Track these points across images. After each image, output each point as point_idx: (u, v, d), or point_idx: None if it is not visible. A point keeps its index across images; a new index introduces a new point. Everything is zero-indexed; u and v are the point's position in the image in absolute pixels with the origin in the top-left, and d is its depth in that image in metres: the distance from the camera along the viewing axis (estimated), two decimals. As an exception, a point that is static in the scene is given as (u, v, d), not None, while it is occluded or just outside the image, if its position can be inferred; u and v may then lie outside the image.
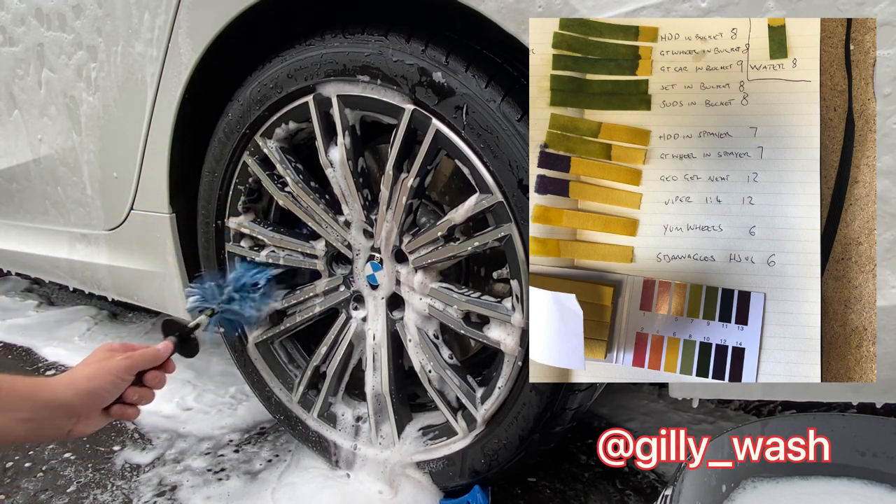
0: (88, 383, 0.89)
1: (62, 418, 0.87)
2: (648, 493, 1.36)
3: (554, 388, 1.10)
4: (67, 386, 0.87)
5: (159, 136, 1.40)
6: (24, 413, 0.82)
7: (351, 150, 1.19)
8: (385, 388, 1.31)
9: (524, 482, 1.40)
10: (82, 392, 0.88)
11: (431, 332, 1.25)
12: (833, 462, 0.99)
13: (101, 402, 0.91)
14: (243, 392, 1.80)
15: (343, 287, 1.34)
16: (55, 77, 1.59)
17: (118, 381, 0.93)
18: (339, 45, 1.14)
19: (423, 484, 1.32)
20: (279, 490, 1.40)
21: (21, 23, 1.60)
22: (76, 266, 1.86)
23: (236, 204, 1.40)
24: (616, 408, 1.65)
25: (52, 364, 2.08)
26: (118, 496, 1.43)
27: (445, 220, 1.13)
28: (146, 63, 1.36)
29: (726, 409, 1.63)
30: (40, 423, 0.84)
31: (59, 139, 1.66)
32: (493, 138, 1.03)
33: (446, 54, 1.05)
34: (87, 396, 0.89)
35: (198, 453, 1.57)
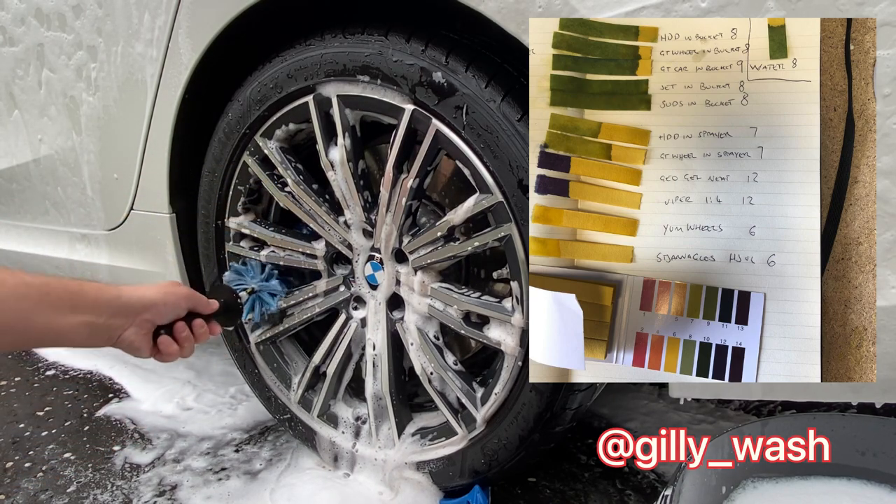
0: (151, 293, 0.95)
1: (120, 317, 0.90)
2: (648, 493, 1.36)
3: (554, 388, 1.10)
4: (132, 292, 0.93)
5: (159, 137, 1.40)
6: (89, 316, 0.86)
7: (351, 151, 1.19)
8: (385, 389, 1.31)
9: (524, 482, 1.40)
10: (144, 299, 0.93)
11: (432, 334, 1.25)
12: (833, 462, 0.99)
13: (156, 315, 0.95)
14: (243, 392, 1.80)
15: (343, 287, 1.34)
16: (55, 77, 1.59)
17: (177, 302, 0.98)
18: (339, 45, 1.14)
19: (423, 484, 1.32)
20: (278, 490, 1.40)
21: (21, 23, 1.60)
22: (76, 266, 1.86)
23: (236, 204, 1.40)
24: (616, 408, 1.65)
25: (52, 364, 2.08)
26: (118, 496, 1.43)
27: (445, 221, 1.13)
28: (146, 63, 1.36)
29: (726, 409, 1.63)
30: (100, 324, 0.88)
31: (59, 139, 1.66)
32: (493, 138, 1.03)
33: (446, 54, 1.05)
34: (148, 304, 0.94)
35: (198, 453, 1.57)
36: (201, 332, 1.03)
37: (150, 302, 0.94)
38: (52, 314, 0.82)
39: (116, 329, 0.91)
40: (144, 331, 0.94)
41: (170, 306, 0.97)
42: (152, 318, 0.95)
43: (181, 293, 1.00)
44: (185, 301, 1.00)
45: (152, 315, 0.95)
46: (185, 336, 1.00)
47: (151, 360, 2.21)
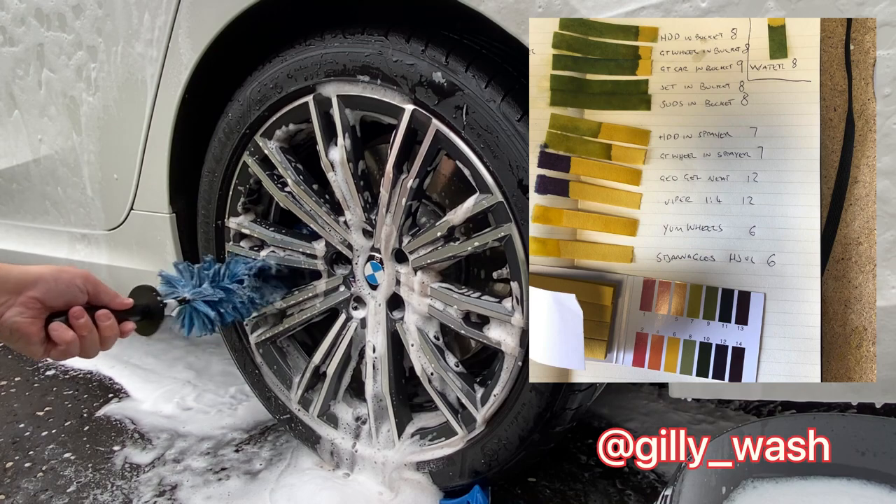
0: (40, 269, 0.83)
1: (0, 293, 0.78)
2: (648, 493, 1.36)
3: (554, 388, 1.10)
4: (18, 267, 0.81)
5: (159, 137, 1.40)
6: None
7: (351, 152, 1.19)
8: (385, 389, 1.31)
9: (524, 482, 1.40)
10: (30, 273, 0.81)
11: (432, 334, 1.25)
12: (833, 462, 0.99)
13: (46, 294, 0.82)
14: (243, 392, 1.80)
15: (343, 287, 1.34)
16: (55, 77, 1.59)
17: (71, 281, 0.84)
18: (339, 45, 1.14)
19: (423, 484, 1.32)
20: (277, 490, 1.40)
21: (21, 23, 1.60)
22: (76, 266, 1.86)
23: (236, 204, 1.40)
24: (616, 408, 1.65)
25: (53, 364, 2.08)
26: (118, 496, 1.43)
27: (445, 221, 1.13)
28: (146, 63, 1.36)
29: (726, 409, 1.63)
30: None
31: (59, 139, 1.66)
32: (493, 138, 1.03)
33: (446, 54, 1.05)
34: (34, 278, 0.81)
35: (198, 453, 1.57)
36: (107, 326, 0.87)
37: (37, 276, 0.81)
38: None
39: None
40: (32, 313, 0.80)
41: (62, 284, 0.83)
42: (41, 296, 0.81)
43: (77, 272, 0.86)
44: (83, 281, 0.86)
45: (40, 293, 0.80)
46: (84, 323, 0.84)
47: (151, 360, 2.21)
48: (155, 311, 1.06)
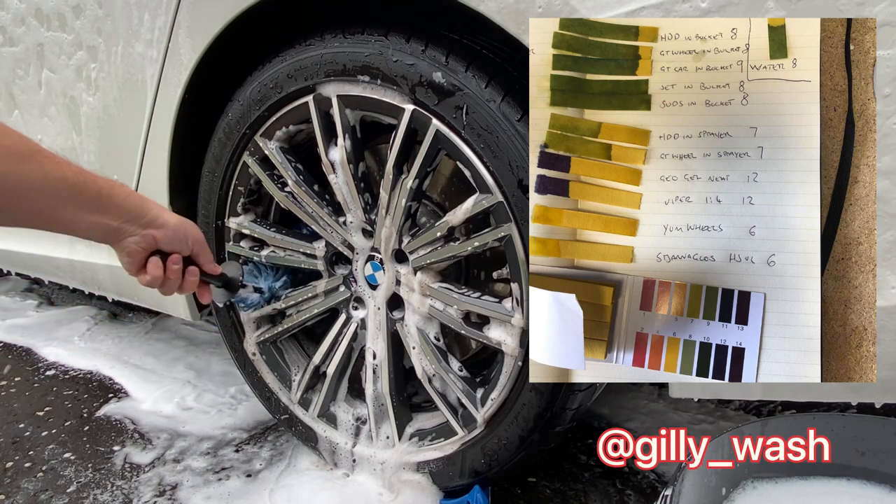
0: (169, 216, 0.96)
1: (133, 224, 0.92)
2: (648, 493, 1.36)
3: (554, 388, 1.10)
4: (155, 207, 0.94)
5: (159, 137, 1.40)
6: (109, 218, 0.89)
7: (351, 152, 1.19)
8: (385, 390, 1.31)
9: (524, 482, 1.40)
10: (161, 218, 0.95)
11: (433, 335, 1.25)
12: (833, 462, 0.99)
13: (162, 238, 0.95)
14: (243, 392, 1.80)
15: (343, 287, 1.34)
16: (55, 77, 1.59)
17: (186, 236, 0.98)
18: (339, 45, 1.14)
19: (423, 484, 1.32)
20: (277, 490, 1.40)
21: (21, 23, 1.60)
22: (76, 266, 1.86)
23: (236, 204, 1.40)
24: (616, 408, 1.65)
25: (52, 364, 2.08)
26: (118, 496, 1.43)
27: (445, 221, 1.13)
28: (146, 63, 1.36)
29: (726, 409, 1.63)
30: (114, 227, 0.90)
31: (59, 139, 1.66)
32: (493, 138, 1.03)
33: (446, 54, 1.05)
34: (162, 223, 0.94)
35: (198, 453, 1.57)
36: (191, 280, 1.02)
37: (164, 222, 0.95)
38: (77, 211, 0.85)
39: (124, 233, 0.91)
40: (144, 245, 0.94)
41: (179, 235, 0.97)
42: (159, 238, 0.94)
43: (194, 232, 1.00)
44: (193, 242, 1.00)
45: (160, 235, 0.94)
46: (175, 269, 0.98)
47: (151, 360, 2.21)
48: (232, 286, 1.19)
